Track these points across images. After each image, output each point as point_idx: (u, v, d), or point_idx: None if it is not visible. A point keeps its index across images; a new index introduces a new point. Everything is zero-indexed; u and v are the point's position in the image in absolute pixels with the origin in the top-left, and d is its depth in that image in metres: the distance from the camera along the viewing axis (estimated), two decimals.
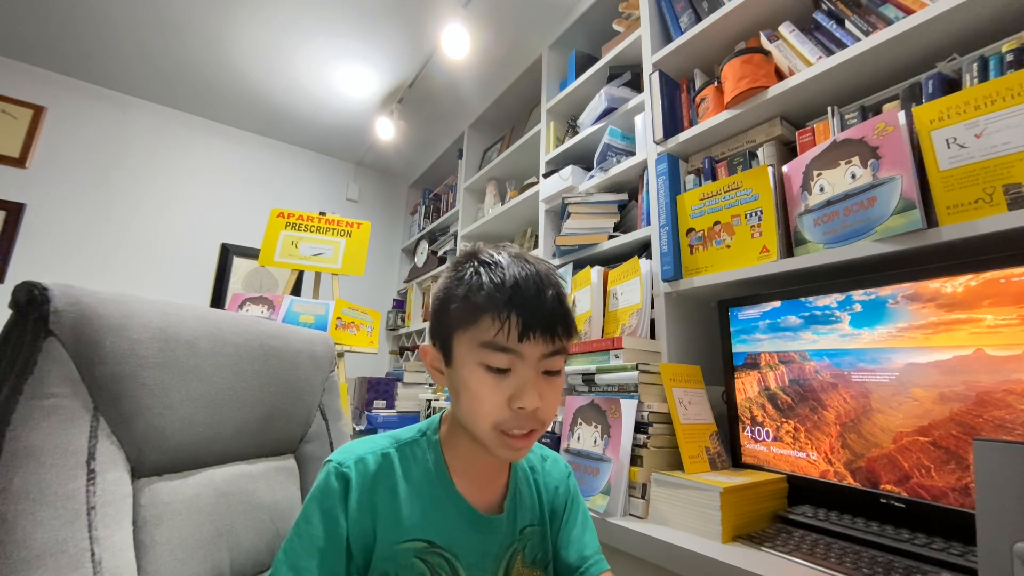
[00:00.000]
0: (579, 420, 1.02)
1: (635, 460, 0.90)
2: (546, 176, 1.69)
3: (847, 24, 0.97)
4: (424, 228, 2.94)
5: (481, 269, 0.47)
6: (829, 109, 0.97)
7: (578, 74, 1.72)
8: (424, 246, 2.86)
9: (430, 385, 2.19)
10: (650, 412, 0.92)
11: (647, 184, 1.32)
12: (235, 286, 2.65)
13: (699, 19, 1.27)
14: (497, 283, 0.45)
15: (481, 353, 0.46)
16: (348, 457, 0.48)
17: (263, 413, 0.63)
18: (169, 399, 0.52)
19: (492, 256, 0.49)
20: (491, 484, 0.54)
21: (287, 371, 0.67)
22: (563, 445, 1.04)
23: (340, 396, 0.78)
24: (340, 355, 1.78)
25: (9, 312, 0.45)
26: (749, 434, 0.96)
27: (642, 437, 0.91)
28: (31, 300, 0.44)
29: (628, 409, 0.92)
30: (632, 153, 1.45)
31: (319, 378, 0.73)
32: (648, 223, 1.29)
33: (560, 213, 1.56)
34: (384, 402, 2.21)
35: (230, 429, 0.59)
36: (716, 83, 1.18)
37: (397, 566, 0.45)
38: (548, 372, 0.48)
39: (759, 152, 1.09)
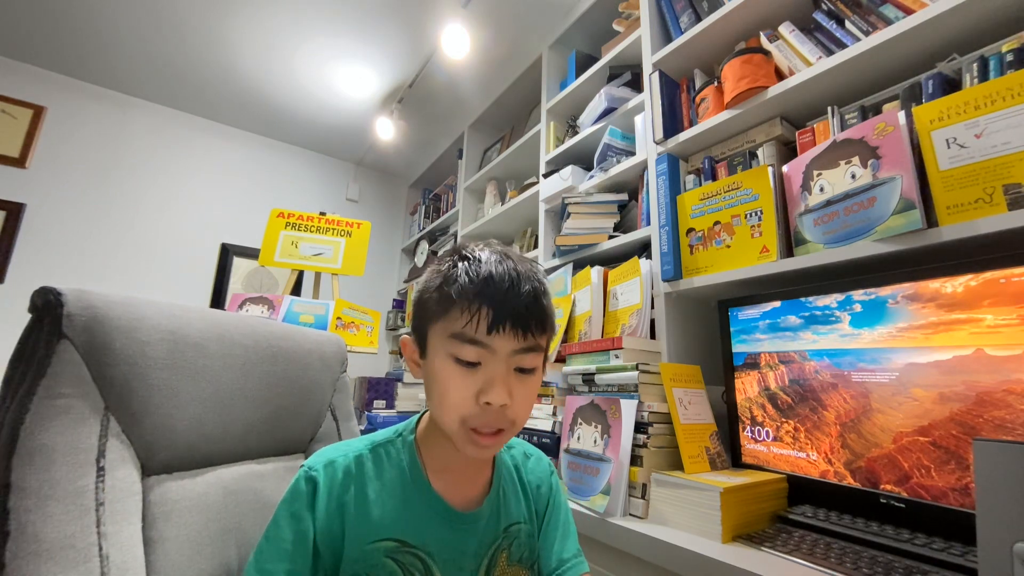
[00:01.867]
0: (579, 420, 1.02)
1: (635, 460, 0.90)
2: (546, 176, 1.69)
3: (847, 24, 0.97)
4: (424, 228, 2.94)
5: (460, 263, 0.47)
6: (829, 109, 0.97)
7: (578, 74, 1.72)
8: (424, 246, 2.86)
9: None
10: (650, 412, 0.92)
11: (647, 184, 1.32)
12: (235, 286, 2.65)
13: (699, 19, 1.27)
14: (472, 275, 0.45)
15: (451, 344, 0.45)
16: (318, 461, 0.49)
17: (272, 413, 0.64)
18: (178, 399, 0.53)
19: (474, 251, 0.49)
20: (471, 482, 0.53)
21: (296, 372, 0.68)
22: (563, 445, 1.04)
23: (351, 396, 0.78)
24: None
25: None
26: (749, 434, 0.96)
27: (642, 437, 0.91)
28: (46, 304, 0.46)
29: (628, 409, 0.92)
30: (632, 153, 1.45)
31: (329, 378, 0.73)
32: (648, 223, 1.29)
33: (560, 213, 1.56)
34: (384, 402, 2.20)
35: (239, 428, 0.60)
36: (716, 83, 1.18)
37: (368, 566, 0.45)
38: (521, 370, 0.47)
39: (759, 152, 1.09)
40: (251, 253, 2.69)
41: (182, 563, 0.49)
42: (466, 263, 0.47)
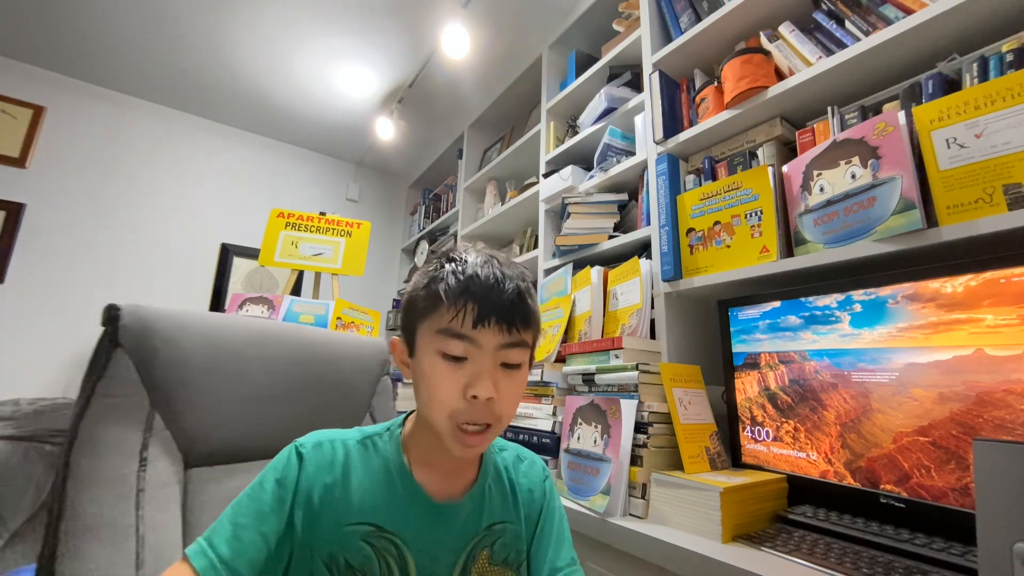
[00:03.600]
0: (579, 420, 1.02)
1: (635, 460, 0.90)
2: (546, 176, 1.69)
3: (847, 24, 0.97)
4: (424, 228, 2.94)
5: (447, 264, 0.49)
6: (829, 109, 0.97)
7: (578, 74, 1.72)
8: (424, 246, 2.86)
9: None
10: (650, 412, 0.92)
11: (647, 184, 1.32)
12: (235, 286, 2.65)
13: (699, 19, 1.27)
14: (458, 274, 0.47)
15: (438, 340, 0.47)
16: (308, 440, 0.51)
17: (307, 412, 0.70)
18: (216, 399, 0.61)
19: (460, 254, 0.51)
20: (456, 478, 0.54)
21: (332, 375, 0.74)
22: (563, 445, 1.04)
23: (392, 398, 0.83)
24: None
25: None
26: (749, 434, 0.96)
27: (642, 437, 0.91)
28: (110, 318, 0.56)
29: (628, 409, 0.92)
30: (632, 153, 1.45)
31: (367, 381, 0.80)
32: (648, 223, 1.29)
33: (560, 213, 1.56)
34: None
35: (273, 426, 0.66)
36: (716, 83, 1.18)
37: (344, 548, 0.46)
38: (507, 365, 0.49)
39: (759, 152, 1.09)
40: (251, 253, 2.69)
41: None
42: (453, 264, 0.49)
